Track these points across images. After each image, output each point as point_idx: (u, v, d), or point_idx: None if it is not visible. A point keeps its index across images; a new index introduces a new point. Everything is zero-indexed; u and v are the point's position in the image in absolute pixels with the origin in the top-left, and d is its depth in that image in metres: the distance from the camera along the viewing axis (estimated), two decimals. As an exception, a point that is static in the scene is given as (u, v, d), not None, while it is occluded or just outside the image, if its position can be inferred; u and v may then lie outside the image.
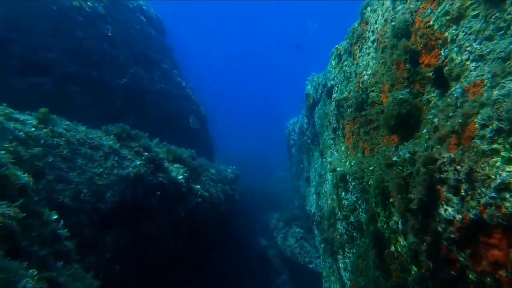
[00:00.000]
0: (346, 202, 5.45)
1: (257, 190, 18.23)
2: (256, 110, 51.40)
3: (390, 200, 3.47)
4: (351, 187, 5.24)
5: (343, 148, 6.14)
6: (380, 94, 4.21)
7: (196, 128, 10.01)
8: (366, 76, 4.68)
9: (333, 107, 6.59)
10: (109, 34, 8.48)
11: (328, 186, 6.90)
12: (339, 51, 6.26)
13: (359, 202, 4.96)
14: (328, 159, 7.01)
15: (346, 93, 5.71)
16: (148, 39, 10.43)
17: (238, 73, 58.42)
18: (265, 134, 32.02)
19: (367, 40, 4.77)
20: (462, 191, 2.14)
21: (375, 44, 4.47)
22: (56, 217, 2.91)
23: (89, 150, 4.93)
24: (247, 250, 10.55)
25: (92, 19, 8.16)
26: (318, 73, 8.91)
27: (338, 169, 5.80)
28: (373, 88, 4.46)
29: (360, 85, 4.92)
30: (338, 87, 6.32)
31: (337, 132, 6.46)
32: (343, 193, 5.61)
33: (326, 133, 7.58)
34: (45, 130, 4.28)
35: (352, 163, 5.30)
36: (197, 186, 6.65)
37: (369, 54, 4.70)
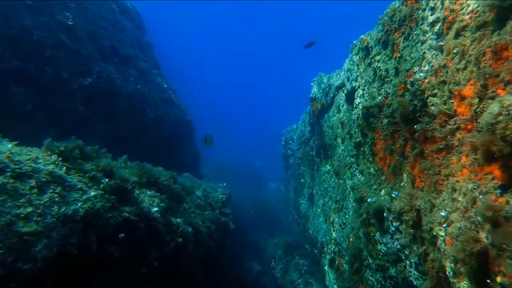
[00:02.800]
0: (383, 248, 4.05)
1: (248, 205, 16.77)
2: (245, 116, 50.26)
3: (499, 281, 2.10)
4: (393, 228, 3.85)
5: (371, 170, 4.78)
6: (451, 100, 2.86)
7: (210, 147, 8.59)
8: (421, 74, 3.33)
9: (356, 115, 5.24)
10: (69, 23, 6.91)
11: (349, 217, 5.51)
12: (365, 43, 4.94)
13: (408, 253, 3.57)
14: (348, 182, 5.63)
15: (380, 97, 4.37)
16: (121, 32, 8.89)
17: (227, 78, 57.31)
18: (256, 141, 30.69)
19: (421, 22, 3.44)
20: None
21: (437, 26, 3.13)
22: None
23: (11, 180, 3.37)
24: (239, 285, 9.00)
25: (45, 3, 6.58)
26: (328, 73, 7.59)
27: (369, 200, 4.42)
28: (435, 91, 3.11)
29: (409, 86, 3.58)
30: (364, 89, 4.98)
31: (362, 148, 5.10)
32: (377, 235, 4.22)
33: (341, 147, 6.22)
34: None
35: (393, 195, 3.93)
36: (178, 219, 5.12)
37: (424, 42, 3.37)
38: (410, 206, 3.46)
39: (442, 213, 2.73)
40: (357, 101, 5.26)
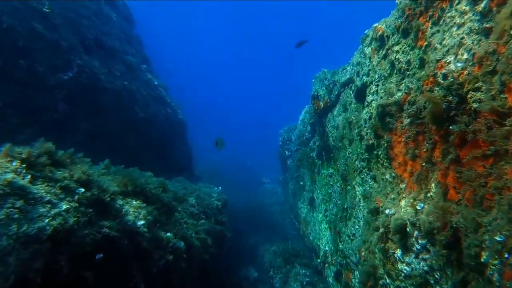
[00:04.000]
0: (406, 269, 3.51)
1: (244, 207, 16.21)
2: (241, 116, 49.73)
3: None
4: (418, 246, 3.32)
5: (387, 177, 4.24)
6: (504, 95, 2.32)
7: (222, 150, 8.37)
8: (458, 64, 2.79)
9: (368, 114, 4.70)
10: (45, 10, 6.21)
11: (360, 228, 4.97)
12: (379, 32, 4.40)
13: (439, 277, 3.04)
14: (358, 189, 5.09)
15: (399, 93, 3.83)
16: (106, 24, 8.21)
17: (223, 78, 56.71)
18: (252, 141, 30.14)
19: (457, 1, 2.90)
20: None
21: (482, 4, 2.59)
22: None
23: (-45, 194, 2.73)
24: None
25: (18, -14, 5.88)
26: (333, 69, 7.05)
27: (387, 212, 3.88)
28: (478, 84, 2.58)
29: (440, 79, 3.04)
30: (378, 85, 4.44)
31: (375, 152, 4.56)
32: (397, 253, 3.68)
33: (349, 150, 5.68)
34: None
35: (418, 207, 3.39)
36: (168, 233, 4.51)
37: (461, 25, 2.83)
38: (443, 223, 2.93)
39: (497, 238, 2.19)
40: (369, 98, 4.72)
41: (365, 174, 4.92)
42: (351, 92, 5.75)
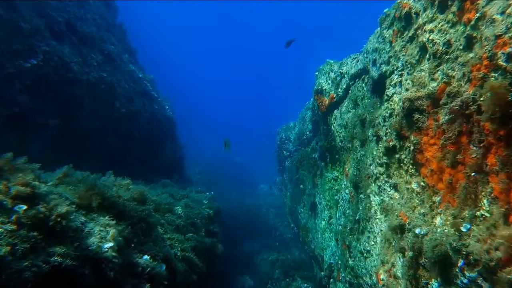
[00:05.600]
0: (448, 307, 2.77)
1: (239, 210, 15.46)
2: (237, 114, 48.96)
3: None
4: (465, 280, 2.57)
5: (414, 186, 3.50)
6: None
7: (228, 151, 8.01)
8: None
9: (389, 111, 3.94)
10: (2, -15, 5.30)
11: (376, 245, 4.23)
12: (405, 9, 3.63)
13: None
14: (374, 199, 4.34)
15: (434, 84, 3.08)
16: (81, 7, 7.30)
17: (219, 76, 55.84)
18: (249, 141, 29.37)
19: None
20: None
21: None
22: None
23: None
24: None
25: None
26: (339, 60, 6.28)
27: (417, 231, 3.13)
28: None
29: (501, 62, 2.28)
30: (403, 74, 3.68)
31: (397, 156, 3.82)
32: (433, 284, 2.94)
33: (361, 152, 4.93)
34: None
35: (463, 229, 2.64)
36: (145, 256, 3.70)
37: (541, -14, 2.06)
38: (508, 255, 2.19)
39: None
40: (389, 91, 3.96)
41: (383, 182, 4.17)
42: (363, 85, 4.99)
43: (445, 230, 2.84)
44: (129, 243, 3.65)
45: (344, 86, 5.80)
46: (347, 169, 5.74)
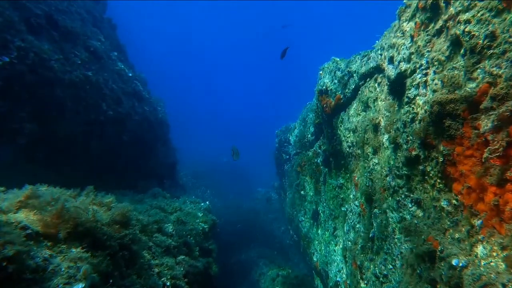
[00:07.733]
0: None
1: (235, 217, 14.96)
2: (234, 115, 48.46)
3: None
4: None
5: (443, 204, 3.02)
6: None
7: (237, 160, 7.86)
8: None
9: (411, 115, 3.46)
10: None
11: (395, 271, 3.73)
12: (433, -2, 3.14)
13: None
14: (392, 215, 3.85)
15: (472, 84, 2.59)
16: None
17: (216, 76, 55.32)
18: (246, 142, 28.84)
19: None
20: None
21: None
22: None
23: None
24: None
25: None
26: (346, 57, 5.80)
27: (454, 262, 2.64)
28: None
29: None
30: (428, 73, 3.20)
31: (420, 167, 3.33)
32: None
33: (374, 161, 4.44)
34: None
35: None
36: (125, 290, 3.16)
37: None
38: None
39: None
40: (411, 93, 3.48)
41: (403, 197, 3.68)
42: (376, 85, 4.51)
43: (492, 264, 2.35)
44: (107, 278, 3.10)
45: (353, 86, 5.32)
46: (356, 178, 5.25)
